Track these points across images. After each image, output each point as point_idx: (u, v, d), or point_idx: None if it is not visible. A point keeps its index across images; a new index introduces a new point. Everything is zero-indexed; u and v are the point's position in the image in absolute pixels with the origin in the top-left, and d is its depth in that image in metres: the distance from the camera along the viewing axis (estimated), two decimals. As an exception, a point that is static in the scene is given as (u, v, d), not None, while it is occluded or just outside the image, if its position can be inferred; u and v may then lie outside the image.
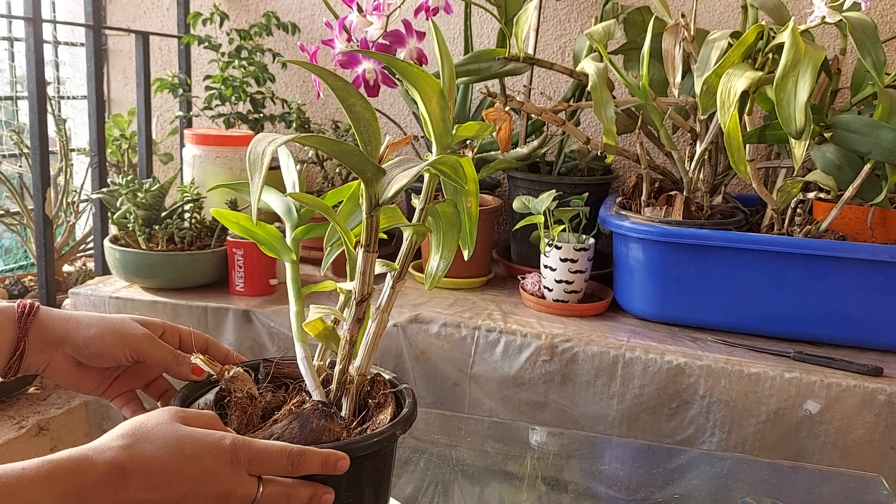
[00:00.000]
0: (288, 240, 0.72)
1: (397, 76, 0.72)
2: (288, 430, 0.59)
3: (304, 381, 0.67)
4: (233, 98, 1.64)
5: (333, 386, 0.66)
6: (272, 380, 0.69)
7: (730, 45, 1.12)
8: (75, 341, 0.64)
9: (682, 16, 1.24)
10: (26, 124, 1.57)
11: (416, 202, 0.66)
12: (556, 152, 1.52)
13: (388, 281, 0.67)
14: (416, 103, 1.59)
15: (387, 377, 0.70)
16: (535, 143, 1.44)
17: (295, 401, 0.63)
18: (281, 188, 0.73)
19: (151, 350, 0.66)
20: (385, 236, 0.71)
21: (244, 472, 0.53)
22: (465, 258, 0.69)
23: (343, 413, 0.64)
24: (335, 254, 0.72)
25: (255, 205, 0.53)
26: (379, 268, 0.67)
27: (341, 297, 0.70)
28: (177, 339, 0.70)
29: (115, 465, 0.50)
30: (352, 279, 0.69)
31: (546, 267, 1.29)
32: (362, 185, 0.59)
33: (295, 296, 0.69)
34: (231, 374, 0.63)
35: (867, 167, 1.12)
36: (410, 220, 0.67)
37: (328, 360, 0.70)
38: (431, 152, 0.64)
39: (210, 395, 0.65)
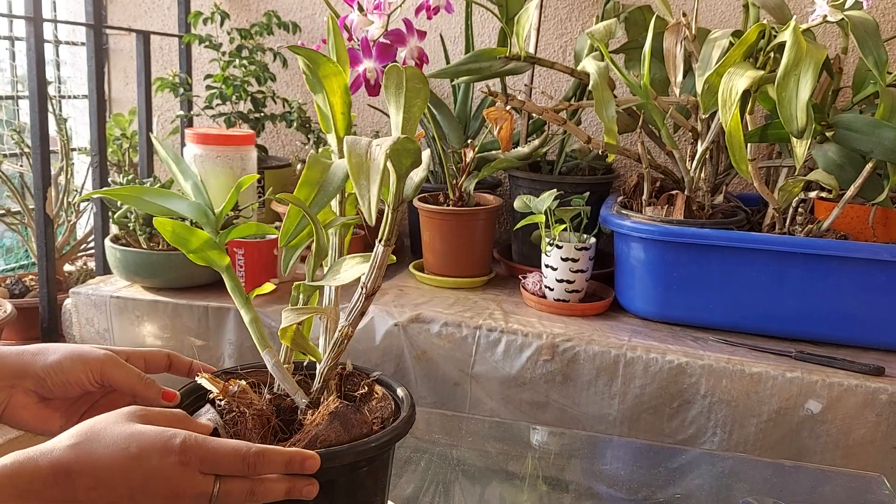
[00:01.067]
0: None
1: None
2: (332, 429, 0.59)
3: (271, 387, 0.66)
4: (234, 97, 1.64)
5: (317, 384, 0.66)
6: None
7: (731, 44, 1.12)
8: (34, 372, 0.61)
9: (684, 15, 1.24)
10: (27, 124, 1.57)
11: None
12: (557, 151, 1.52)
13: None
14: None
15: (351, 368, 0.70)
16: (537, 142, 1.44)
17: (332, 398, 0.63)
18: (282, 187, 0.72)
19: (115, 373, 0.62)
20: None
21: (196, 471, 0.51)
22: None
23: None
24: (295, 255, 0.70)
25: (373, 211, 0.52)
26: (359, 262, 0.66)
27: (301, 297, 0.69)
28: (142, 363, 0.67)
29: (59, 465, 0.49)
30: (312, 277, 0.68)
31: (547, 266, 1.29)
32: (393, 181, 0.60)
33: (242, 303, 0.67)
34: (236, 389, 0.62)
35: (869, 166, 1.12)
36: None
37: (291, 363, 0.70)
38: (330, 144, 0.66)
39: (211, 414, 0.63)
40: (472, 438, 1.03)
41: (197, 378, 0.63)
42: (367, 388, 0.67)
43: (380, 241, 0.62)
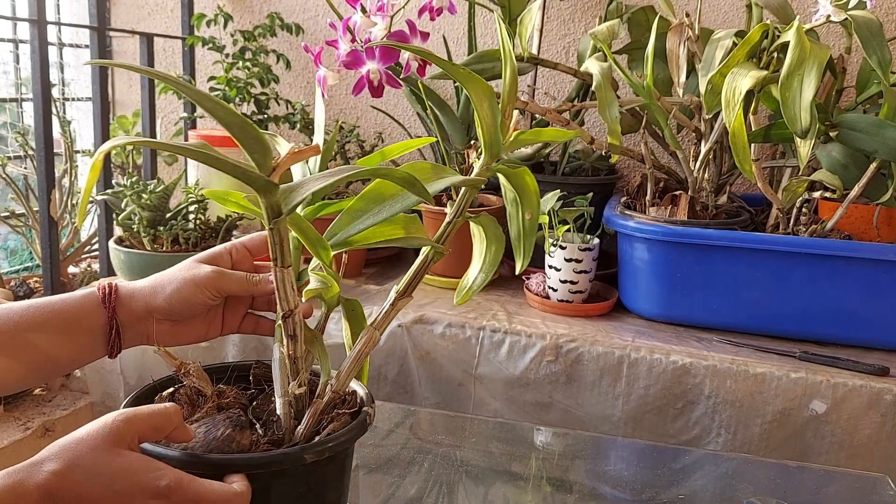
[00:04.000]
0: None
1: (401, 77, 0.72)
2: (196, 432, 0.57)
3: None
4: (237, 99, 1.65)
5: (291, 399, 0.63)
6: (258, 383, 0.67)
7: (734, 44, 1.12)
8: (158, 306, 0.65)
9: (687, 15, 1.24)
10: (31, 126, 1.58)
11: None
12: (560, 152, 1.52)
13: (392, 296, 0.63)
14: (419, 104, 1.58)
15: (361, 394, 0.65)
16: (540, 143, 1.44)
17: (211, 405, 0.61)
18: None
19: (227, 285, 0.66)
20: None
21: None
22: (517, 272, 0.65)
23: (300, 427, 0.60)
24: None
25: (85, 202, 0.50)
26: (315, 282, 0.63)
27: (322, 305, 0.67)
28: (228, 259, 0.70)
29: (45, 490, 0.49)
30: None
31: (551, 267, 1.29)
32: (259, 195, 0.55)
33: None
34: (188, 369, 0.62)
35: (873, 166, 1.12)
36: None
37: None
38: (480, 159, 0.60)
39: (171, 389, 0.64)
40: (475, 439, 1.03)
41: (154, 349, 0.64)
42: (337, 418, 0.62)
43: (272, 260, 0.58)
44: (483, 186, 0.65)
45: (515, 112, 0.67)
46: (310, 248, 0.62)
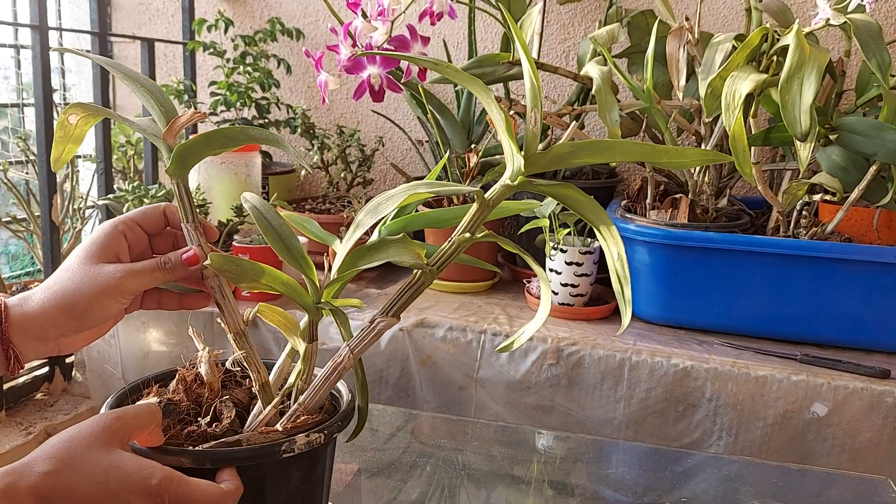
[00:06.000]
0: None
1: (402, 81, 0.73)
2: None
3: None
4: (238, 104, 1.65)
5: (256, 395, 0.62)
6: None
7: (734, 47, 1.12)
8: (70, 328, 0.58)
9: (686, 19, 1.24)
10: (33, 131, 1.58)
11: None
12: (560, 156, 1.52)
13: (378, 319, 0.61)
14: (420, 108, 1.57)
15: (341, 407, 0.63)
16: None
17: (210, 393, 0.62)
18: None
19: (139, 284, 0.59)
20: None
21: None
22: (620, 333, 0.60)
23: (246, 433, 0.60)
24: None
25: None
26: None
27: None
28: (138, 231, 0.63)
29: (38, 492, 0.49)
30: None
31: (551, 270, 1.29)
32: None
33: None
34: (202, 356, 0.63)
35: (873, 169, 1.12)
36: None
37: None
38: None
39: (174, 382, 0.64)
40: (477, 443, 1.03)
41: (190, 331, 0.65)
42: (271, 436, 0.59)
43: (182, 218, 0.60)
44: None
45: (516, 116, 0.64)
46: (277, 249, 0.60)
